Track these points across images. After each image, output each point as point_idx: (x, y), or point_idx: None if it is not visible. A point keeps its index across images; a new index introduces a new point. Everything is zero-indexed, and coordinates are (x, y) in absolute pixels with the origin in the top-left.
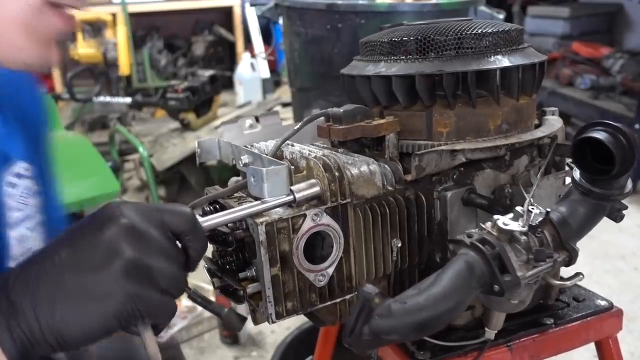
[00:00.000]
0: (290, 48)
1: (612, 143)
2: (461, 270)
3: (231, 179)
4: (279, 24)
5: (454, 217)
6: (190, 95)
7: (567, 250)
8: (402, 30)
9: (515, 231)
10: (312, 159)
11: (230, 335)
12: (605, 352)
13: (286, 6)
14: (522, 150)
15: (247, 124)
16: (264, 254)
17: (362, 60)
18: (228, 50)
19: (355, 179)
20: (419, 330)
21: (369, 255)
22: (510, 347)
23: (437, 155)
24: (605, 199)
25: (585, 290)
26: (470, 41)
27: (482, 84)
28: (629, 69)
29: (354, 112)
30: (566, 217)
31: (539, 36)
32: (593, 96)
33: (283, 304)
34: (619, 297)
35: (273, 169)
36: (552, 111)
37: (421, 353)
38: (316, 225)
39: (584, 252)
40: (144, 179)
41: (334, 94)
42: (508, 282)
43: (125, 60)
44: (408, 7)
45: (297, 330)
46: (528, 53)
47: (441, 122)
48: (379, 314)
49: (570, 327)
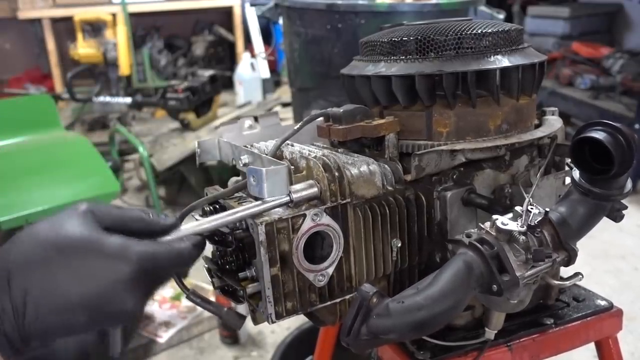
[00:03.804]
0: (290, 48)
1: (611, 143)
2: (460, 270)
3: (231, 179)
4: (279, 24)
5: (453, 217)
6: (190, 95)
7: (567, 250)
8: (402, 30)
9: (514, 231)
10: (312, 159)
11: (230, 335)
12: (605, 352)
13: (286, 6)
14: (522, 150)
15: (247, 125)
16: (264, 254)
17: (362, 60)
18: (228, 50)
19: (355, 179)
20: (418, 329)
21: (368, 255)
22: (510, 347)
23: (437, 155)
24: (604, 199)
25: (585, 290)
26: (470, 41)
27: (482, 84)
28: (629, 69)
29: (354, 112)
30: (565, 217)
31: (539, 36)
32: (593, 96)
33: (283, 304)
34: (619, 297)
35: (273, 169)
36: (552, 111)
37: (421, 353)
38: (316, 225)
39: (584, 252)
40: (144, 179)
41: (334, 94)
42: (507, 282)
43: (125, 60)
44: (408, 7)
45: (297, 330)
46: (528, 53)
47: (441, 122)
48: (377, 314)
49: (570, 327)
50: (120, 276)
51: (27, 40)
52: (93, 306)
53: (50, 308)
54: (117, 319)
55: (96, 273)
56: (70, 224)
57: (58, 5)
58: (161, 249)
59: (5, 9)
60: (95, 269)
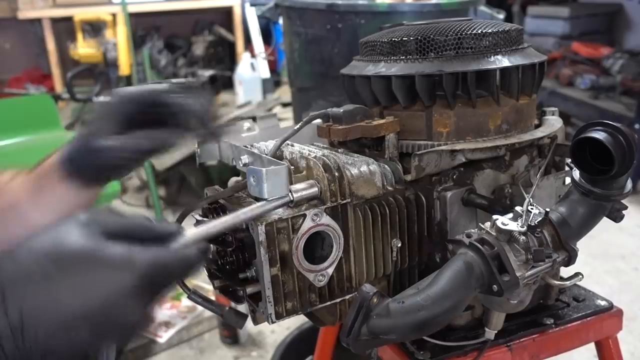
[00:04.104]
0: (290, 48)
1: (611, 143)
2: (460, 270)
3: (231, 179)
4: (279, 24)
5: (453, 217)
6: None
7: (567, 250)
8: (402, 30)
9: (514, 231)
10: (312, 159)
11: (230, 335)
12: (605, 352)
13: (286, 6)
14: (522, 150)
15: (245, 127)
16: (264, 254)
17: (362, 61)
18: (228, 50)
19: (355, 179)
20: (418, 329)
21: (368, 255)
22: (510, 347)
23: (437, 155)
24: (605, 199)
25: (585, 290)
26: (470, 41)
27: (482, 84)
28: (628, 69)
29: (354, 112)
30: (566, 217)
31: (539, 36)
32: (593, 96)
33: (283, 304)
34: (619, 297)
35: (273, 169)
36: (552, 111)
37: (421, 353)
38: (316, 225)
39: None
40: (144, 179)
41: (334, 94)
42: (507, 282)
43: (125, 60)
44: (408, 7)
45: (297, 330)
46: (528, 53)
47: (441, 122)
48: (377, 314)
49: (570, 327)
50: (125, 285)
51: (27, 40)
52: (97, 319)
53: (51, 325)
54: (123, 331)
55: (99, 284)
56: (69, 234)
57: (58, 5)
58: (169, 255)
59: (5, 9)
60: (98, 280)
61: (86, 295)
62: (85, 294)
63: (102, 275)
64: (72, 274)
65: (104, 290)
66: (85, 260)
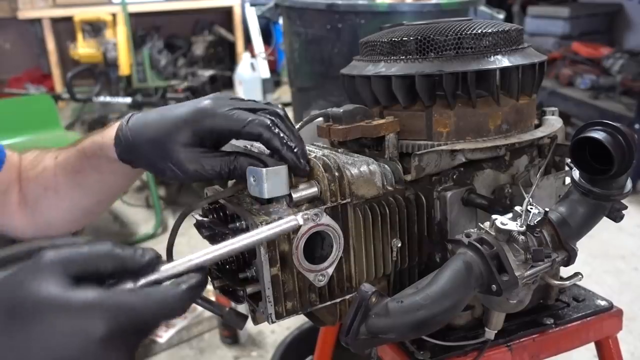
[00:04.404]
0: (290, 48)
1: (610, 143)
2: (459, 269)
3: None
4: (279, 24)
5: (453, 217)
6: (190, 95)
7: (566, 250)
8: (402, 30)
9: (514, 231)
10: (312, 159)
11: (230, 335)
12: (605, 352)
13: (286, 6)
14: (522, 150)
15: None
16: (264, 254)
17: (362, 61)
18: (228, 50)
19: (355, 179)
20: (417, 329)
21: (368, 255)
22: (510, 347)
23: (437, 155)
24: (604, 199)
25: (585, 290)
26: (470, 41)
27: (482, 84)
28: (628, 69)
29: (354, 112)
30: (565, 217)
31: (539, 36)
32: (593, 96)
33: (283, 304)
34: (619, 297)
35: (273, 169)
36: (552, 111)
37: (421, 353)
38: (316, 225)
39: (584, 252)
40: (144, 179)
41: (334, 94)
42: (506, 281)
43: (125, 60)
44: (408, 7)
45: (297, 330)
46: (528, 53)
47: (441, 122)
48: (376, 313)
49: (570, 327)
50: (93, 336)
51: (27, 40)
52: None
53: None
54: None
55: (64, 337)
56: (30, 281)
57: (58, 5)
58: (139, 300)
59: (5, 9)
60: (63, 332)
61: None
62: (48, 348)
63: (66, 325)
64: (31, 326)
65: (69, 343)
66: (47, 310)
